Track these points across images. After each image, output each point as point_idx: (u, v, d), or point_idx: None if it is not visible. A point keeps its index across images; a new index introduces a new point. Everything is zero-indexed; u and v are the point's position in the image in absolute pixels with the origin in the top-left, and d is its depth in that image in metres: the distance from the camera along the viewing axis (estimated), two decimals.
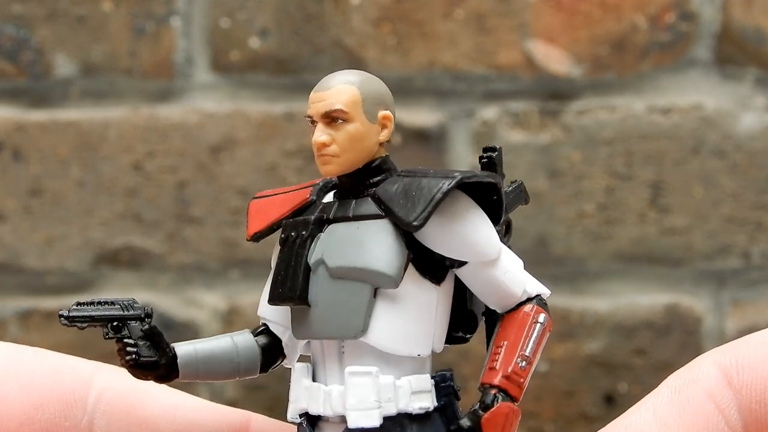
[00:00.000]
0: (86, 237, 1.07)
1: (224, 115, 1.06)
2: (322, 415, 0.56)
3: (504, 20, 1.06)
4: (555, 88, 1.06)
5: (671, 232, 1.06)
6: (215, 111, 1.07)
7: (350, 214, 0.57)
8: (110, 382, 0.62)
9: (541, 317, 0.57)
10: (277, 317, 0.60)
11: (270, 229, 0.59)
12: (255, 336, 0.60)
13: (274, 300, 0.58)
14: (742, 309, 1.06)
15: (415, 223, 0.55)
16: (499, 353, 0.56)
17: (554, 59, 1.06)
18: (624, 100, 1.06)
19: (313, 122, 0.57)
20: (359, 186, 0.58)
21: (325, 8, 1.06)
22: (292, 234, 0.57)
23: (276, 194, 0.61)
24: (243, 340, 0.60)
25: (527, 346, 0.56)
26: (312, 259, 0.56)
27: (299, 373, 0.58)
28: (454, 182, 0.55)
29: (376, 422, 0.55)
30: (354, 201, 0.57)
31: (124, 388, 0.62)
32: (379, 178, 0.58)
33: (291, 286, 0.56)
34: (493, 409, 0.55)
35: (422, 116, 1.05)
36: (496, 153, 0.61)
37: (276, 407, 0.61)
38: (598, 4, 1.06)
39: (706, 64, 1.06)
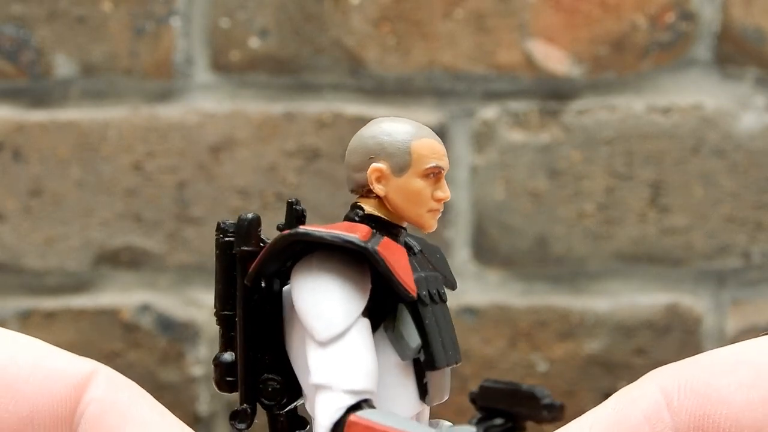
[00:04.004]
0: (86, 237, 1.07)
1: (224, 115, 1.07)
2: None
3: (504, 20, 1.06)
4: (555, 87, 1.06)
5: (671, 231, 1.06)
6: (215, 111, 1.07)
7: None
8: (100, 394, 0.57)
9: None
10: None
11: None
12: None
13: (442, 364, 0.53)
14: (742, 309, 1.06)
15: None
16: None
17: (554, 59, 1.06)
18: (624, 99, 1.06)
19: (438, 174, 0.56)
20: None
21: (325, 8, 1.06)
22: (432, 291, 0.54)
23: (375, 237, 0.54)
24: None
25: None
26: None
27: None
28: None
29: None
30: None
31: (108, 407, 0.57)
32: None
33: (455, 347, 0.54)
34: None
35: (422, 116, 1.05)
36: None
37: None
38: (598, 4, 1.06)
39: (706, 64, 1.06)
